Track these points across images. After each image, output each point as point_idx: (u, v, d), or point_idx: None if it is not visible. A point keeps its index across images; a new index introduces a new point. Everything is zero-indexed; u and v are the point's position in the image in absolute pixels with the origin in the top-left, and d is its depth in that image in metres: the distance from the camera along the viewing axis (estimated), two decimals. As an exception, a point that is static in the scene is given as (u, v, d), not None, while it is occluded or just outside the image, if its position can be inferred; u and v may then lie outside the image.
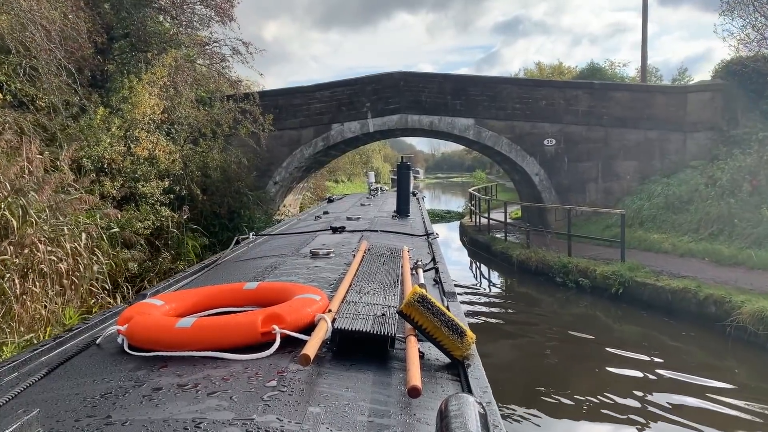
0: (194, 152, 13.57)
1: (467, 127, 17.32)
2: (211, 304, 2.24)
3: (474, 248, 17.65)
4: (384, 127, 17.67)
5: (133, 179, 11.76)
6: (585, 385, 7.14)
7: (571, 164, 17.05)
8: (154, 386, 1.49)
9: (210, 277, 3.45)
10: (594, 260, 12.20)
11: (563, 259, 12.24)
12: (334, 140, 17.83)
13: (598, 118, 16.76)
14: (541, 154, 17.12)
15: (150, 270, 11.03)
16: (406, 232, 5.42)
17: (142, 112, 11.58)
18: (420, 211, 8.51)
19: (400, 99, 17.51)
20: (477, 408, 1.04)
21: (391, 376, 1.69)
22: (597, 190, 16.97)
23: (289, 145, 17.98)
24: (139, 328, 1.82)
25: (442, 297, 2.78)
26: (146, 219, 11.45)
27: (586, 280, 11.43)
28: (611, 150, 16.79)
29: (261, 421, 1.28)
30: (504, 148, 17.19)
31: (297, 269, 3.27)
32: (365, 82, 17.80)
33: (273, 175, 17.98)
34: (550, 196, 17.11)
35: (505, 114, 17.19)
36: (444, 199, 46.81)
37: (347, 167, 50.84)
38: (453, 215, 27.75)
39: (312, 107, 17.86)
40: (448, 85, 17.40)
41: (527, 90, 17.17)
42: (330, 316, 1.86)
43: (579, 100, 16.93)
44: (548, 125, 17.06)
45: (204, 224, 14.07)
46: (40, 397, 1.53)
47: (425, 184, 68.41)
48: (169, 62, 12.32)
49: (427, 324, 1.79)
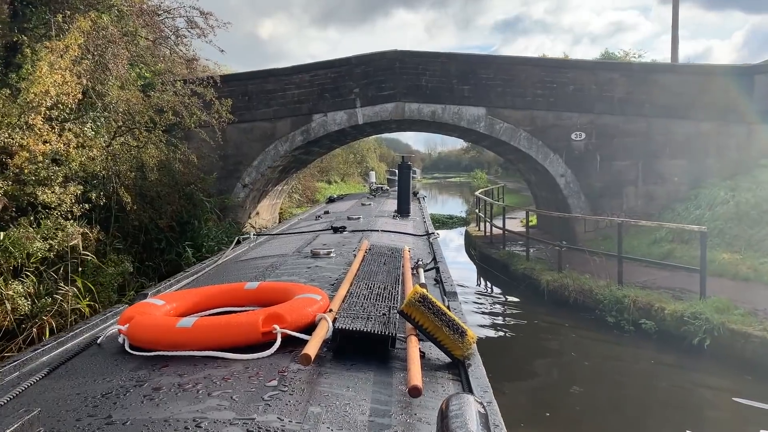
0: (128, 148, 10.38)
1: (477, 118, 14.19)
2: (212, 304, 2.26)
3: (485, 265, 14.51)
4: (376, 118, 14.52)
5: (35, 182, 8.60)
6: None
7: (604, 163, 13.94)
8: (154, 386, 1.52)
9: (211, 276, 3.44)
10: (656, 291, 9.09)
11: (615, 291, 9.10)
12: (316, 134, 14.66)
13: (638, 106, 13.65)
14: (568, 151, 14.01)
15: (47, 308, 7.95)
16: (406, 232, 5.44)
17: (41, 91, 8.39)
18: (421, 211, 8.51)
19: (396, 83, 14.36)
20: (477, 408, 1.06)
21: (391, 375, 1.71)
22: (637, 194, 13.87)
23: (261, 140, 14.81)
24: (140, 328, 1.84)
25: (442, 297, 2.79)
26: (51, 237, 8.36)
27: (650, 323, 8.32)
28: (654, 146, 13.69)
29: (262, 420, 1.30)
30: (522, 143, 14.07)
31: (298, 269, 3.29)
32: (353, 63, 14.65)
33: (242, 176, 14.81)
34: (579, 202, 14.00)
35: (523, 102, 14.06)
36: (441, 200, 43.89)
37: (341, 167, 48.73)
38: (456, 221, 24.58)
39: (288, 94, 14.70)
40: (453, 66, 14.26)
41: (551, 72, 14.05)
42: (331, 315, 1.89)
43: (614, 85, 13.82)
44: (576, 115, 13.96)
45: (144, 241, 10.91)
46: (41, 397, 1.56)
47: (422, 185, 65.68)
48: (86, 27, 9.14)
49: (428, 324, 1.81)
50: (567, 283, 10.09)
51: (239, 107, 14.69)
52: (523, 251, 14.09)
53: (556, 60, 14.33)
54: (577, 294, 9.74)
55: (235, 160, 14.80)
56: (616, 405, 6.63)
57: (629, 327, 8.60)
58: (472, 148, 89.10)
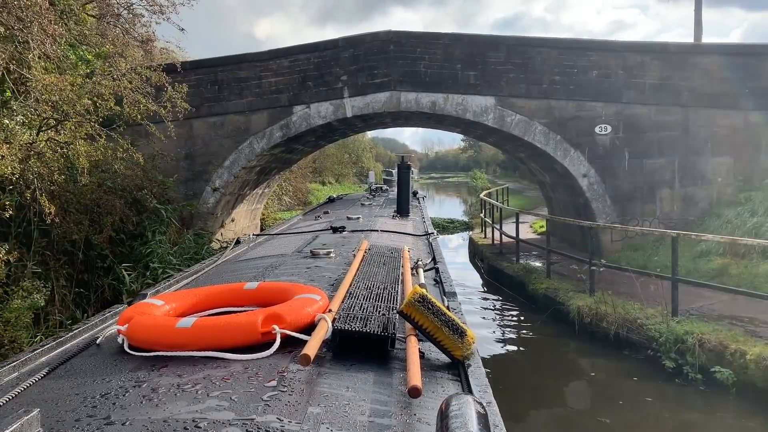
0: (55, 145, 8.28)
1: (485, 109, 12.14)
2: (212, 304, 2.25)
3: (495, 281, 12.45)
4: (368, 110, 12.46)
5: None
6: None
7: (633, 161, 11.92)
8: (154, 386, 1.51)
9: (210, 276, 3.44)
10: (723, 325, 7.04)
11: (674, 326, 7.04)
12: (297, 129, 12.59)
13: (675, 94, 11.63)
14: (591, 147, 11.98)
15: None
16: (406, 232, 5.49)
17: None
18: (420, 211, 8.59)
19: (390, 70, 12.30)
20: (477, 408, 1.05)
21: (391, 376, 1.71)
22: (672, 198, 11.84)
23: (233, 136, 12.73)
24: (139, 328, 1.84)
25: (442, 297, 2.78)
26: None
27: (725, 372, 6.26)
28: (694, 140, 11.67)
29: (261, 421, 1.29)
30: (538, 138, 12.03)
31: (297, 269, 3.28)
32: (340, 46, 12.58)
33: (211, 178, 12.73)
34: (604, 206, 11.97)
35: (539, 90, 12.02)
36: (439, 201, 41.90)
37: (335, 167, 47.05)
38: (457, 225, 22.48)
39: (265, 82, 12.62)
40: (457, 49, 12.21)
41: (571, 55, 12.00)
42: (330, 316, 1.89)
43: (646, 70, 11.79)
44: (601, 105, 11.93)
45: (83, 259, 8.85)
46: (40, 397, 1.55)
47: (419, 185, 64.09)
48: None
49: (428, 324, 1.81)
50: (604, 312, 8.03)
51: (208, 98, 12.66)
52: (539, 264, 12.07)
53: (577, 40, 12.27)
54: (619, 326, 7.68)
55: (204, 160, 12.73)
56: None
57: (695, 375, 6.55)
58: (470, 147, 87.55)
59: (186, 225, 12.27)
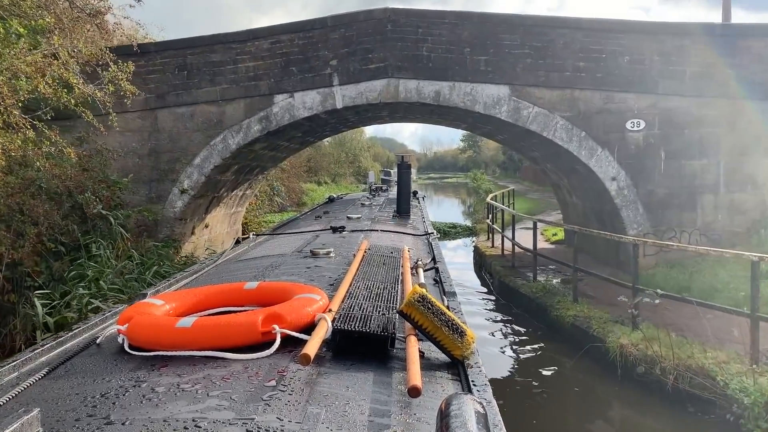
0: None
1: (498, 100, 10.41)
2: (212, 304, 2.24)
3: (507, 300, 10.71)
4: (361, 99, 10.71)
5: None
6: None
7: (670, 162, 10.20)
8: (154, 386, 1.50)
9: (210, 276, 3.41)
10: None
11: (763, 383, 5.29)
12: (279, 122, 10.84)
13: (721, 84, 9.91)
14: (622, 146, 10.26)
15: None
16: (406, 232, 5.50)
17: None
18: (420, 211, 8.67)
19: (387, 53, 10.56)
20: (477, 407, 1.05)
21: (391, 375, 1.71)
22: (717, 205, 10.12)
23: (204, 130, 10.97)
24: (139, 328, 1.83)
25: (442, 296, 2.76)
26: None
27: None
28: (742, 138, 9.96)
29: (261, 420, 1.28)
30: (559, 134, 10.30)
31: (297, 269, 3.27)
32: (329, 25, 10.82)
33: (179, 178, 10.97)
34: (635, 214, 10.25)
35: (560, 78, 10.29)
36: (438, 201, 40.16)
37: (332, 167, 45.56)
38: (460, 230, 20.72)
39: (241, 67, 10.86)
40: (466, 30, 10.47)
41: (598, 38, 10.27)
42: (330, 315, 1.88)
43: (686, 55, 10.07)
44: (633, 97, 10.21)
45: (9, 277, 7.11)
46: (40, 397, 1.54)
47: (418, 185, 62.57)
48: None
49: (428, 323, 1.81)
50: (654, 353, 6.28)
51: (176, 85, 10.91)
52: (558, 280, 10.37)
53: (605, 20, 10.54)
54: (680, 375, 5.93)
55: (171, 157, 10.96)
56: None
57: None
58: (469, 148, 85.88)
59: (149, 233, 10.53)
